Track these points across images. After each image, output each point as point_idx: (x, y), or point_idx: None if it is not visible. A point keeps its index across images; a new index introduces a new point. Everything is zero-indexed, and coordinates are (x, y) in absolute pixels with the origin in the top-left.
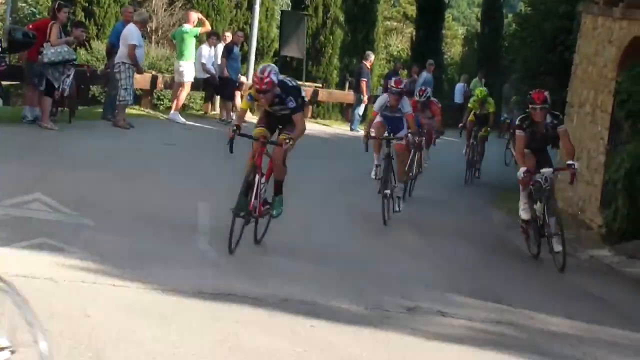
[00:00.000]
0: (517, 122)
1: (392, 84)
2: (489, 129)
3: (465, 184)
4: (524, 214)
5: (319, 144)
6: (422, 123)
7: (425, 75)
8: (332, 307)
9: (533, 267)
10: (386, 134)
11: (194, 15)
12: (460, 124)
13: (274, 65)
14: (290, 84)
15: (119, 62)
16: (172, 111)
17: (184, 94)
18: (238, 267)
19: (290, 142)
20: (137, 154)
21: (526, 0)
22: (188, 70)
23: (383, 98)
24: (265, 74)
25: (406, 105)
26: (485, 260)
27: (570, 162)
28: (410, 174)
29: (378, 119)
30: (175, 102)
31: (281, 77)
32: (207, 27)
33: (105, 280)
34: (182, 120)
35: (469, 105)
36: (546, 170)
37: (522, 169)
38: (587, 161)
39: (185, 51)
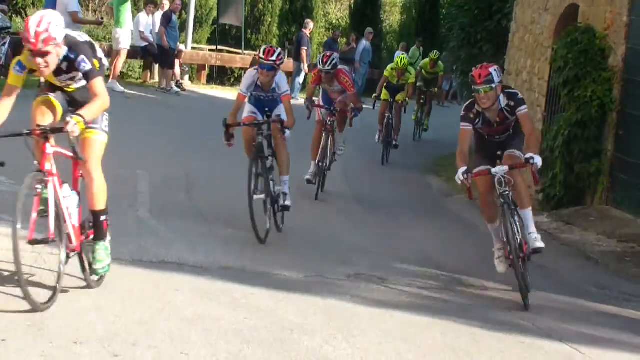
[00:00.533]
0: (462, 112)
1: (265, 55)
2: (407, 98)
3: (382, 165)
4: (500, 267)
5: None
6: (332, 99)
7: (364, 43)
8: (272, 274)
9: (472, 234)
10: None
11: None
12: (374, 95)
13: (54, 12)
14: (82, 39)
15: None
16: (110, 80)
17: (121, 61)
18: (178, 235)
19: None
20: None
21: None
22: (124, 38)
23: (250, 75)
24: (42, 25)
25: (283, 84)
26: (424, 227)
27: (529, 155)
28: (323, 163)
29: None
30: (112, 70)
31: (69, 31)
32: None
33: (45, 249)
34: (121, 88)
35: (385, 73)
36: (498, 169)
37: (461, 169)
38: None
39: (121, 18)
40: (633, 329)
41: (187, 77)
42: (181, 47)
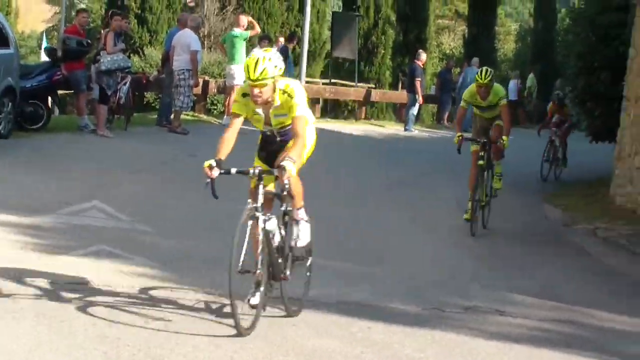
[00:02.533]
0: None
1: None
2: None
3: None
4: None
5: (374, 145)
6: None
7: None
8: (388, 308)
9: (590, 265)
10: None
11: (244, 19)
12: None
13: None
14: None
15: (182, 69)
16: (225, 116)
17: (233, 97)
18: (294, 269)
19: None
20: (192, 160)
21: None
22: (239, 74)
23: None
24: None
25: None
26: (541, 258)
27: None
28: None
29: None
30: (227, 107)
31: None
32: (257, 29)
33: (163, 285)
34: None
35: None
36: None
37: None
38: None
39: (236, 55)
40: None
41: None
42: None
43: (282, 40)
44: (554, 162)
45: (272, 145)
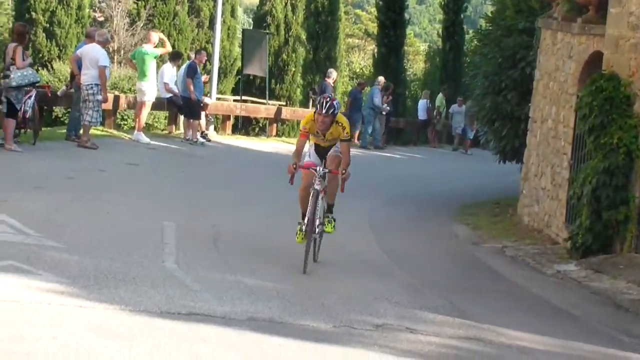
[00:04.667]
0: None
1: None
2: None
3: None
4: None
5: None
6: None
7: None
8: (299, 325)
9: (500, 284)
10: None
11: (155, 36)
12: None
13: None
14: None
15: (91, 84)
16: (135, 131)
17: (145, 112)
18: (204, 286)
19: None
20: (101, 175)
21: (486, 17)
22: (149, 90)
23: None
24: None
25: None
26: (451, 275)
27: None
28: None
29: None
30: (137, 122)
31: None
32: (168, 47)
33: (72, 302)
34: (147, 139)
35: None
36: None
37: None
38: (552, 176)
39: (147, 71)
40: None
41: (212, 127)
42: (206, 99)
43: (191, 56)
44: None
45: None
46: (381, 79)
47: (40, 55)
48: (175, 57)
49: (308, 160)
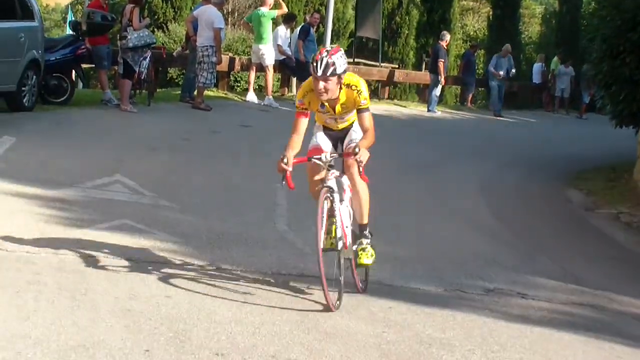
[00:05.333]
0: None
1: None
2: None
3: None
4: None
5: (396, 125)
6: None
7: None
8: (409, 288)
9: (614, 250)
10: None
11: None
12: None
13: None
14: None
15: (206, 45)
16: (266, 97)
17: (270, 77)
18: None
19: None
20: (215, 136)
21: None
22: (269, 54)
23: None
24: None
25: None
26: (564, 242)
27: None
28: None
29: None
30: (265, 87)
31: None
32: (284, 9)
33: (185, 261)
34: (276, 104)
35: None
36: None
37: None
38: None
39: (264, 34)
40: None
41: None
42: None
43: (307, 18)
44: None
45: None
46: (507, 46)
47: (156, 16)
48: (288, 19)
49: (314, 144)
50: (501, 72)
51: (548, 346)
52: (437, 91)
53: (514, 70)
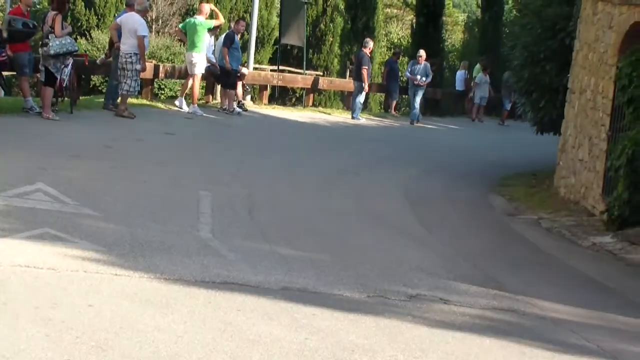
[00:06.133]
0: None
1: None
2: None
3: None
4: None
5: (321, 132)
6: None
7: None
8: (333, 295)
9: (535, 255)
10: None
11: (207, 7)
12: None
13: None
14: None
15: (130, 53)
16: (192, 105)
17: (197, 85)
18: (239, 256)
19: None
20: (139, 144)
21: None
22: (200, 62)
23: None
24: None
25: None
26: (486, 247)
27: None
28: None
29: None
30: (192, 95)
31: None
32: (221, 20)
33: (108, 270)
34: (201, 112)
35: None
36: None
37: None
38: (589, 147)
39: (198, 43)
40: None
41: (249, 97)
42: (243, 69)
43: (232, 25)
44: None
45: None
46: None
47: (79, 24)
48: (214, 27)
49: None
50: (418, 77)
51: (469, 351)
52: (361, 98)
53: (423, 78)
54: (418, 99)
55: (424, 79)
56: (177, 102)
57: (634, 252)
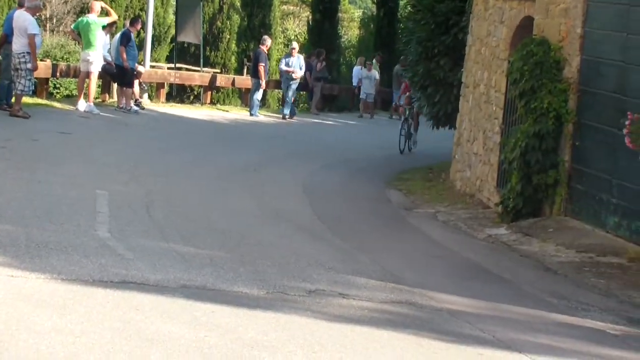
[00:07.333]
0: None
1: None
2: None
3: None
4: None
5: (219, 130)
6: None
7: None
8: (232, 292)
9: (432, 248)
10: None
11: (97, 5)
12: None
13: None
14: None
15: (22, 52)
16: (87, 103)
17: (94, 83)
18: (138, 255)
19: None
20: (34, 144)
21: None
22: (97, 60)
23: None
24: None
25: None
26: (384, 241)
27: None
28: None
29: None
30: (84, 93)
31: None
32: (114, 17)
33: (3, 271)
34: (97, 110)
35: None
36: None
37: None
38: (483, 141)
39: (94, 41)
40: (592, 339)
41: (146, 95)
42: (140, 67)
43: (127, 23)
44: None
45: None
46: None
47: None
48: (108, 25)
49: None
50: (292, 68)
51: (368, 345)
52: (259, 95)
53: (299, 70)
54: (290, 93)
55: (294, 70)
56: (79, 107)
57: (528, 244)
